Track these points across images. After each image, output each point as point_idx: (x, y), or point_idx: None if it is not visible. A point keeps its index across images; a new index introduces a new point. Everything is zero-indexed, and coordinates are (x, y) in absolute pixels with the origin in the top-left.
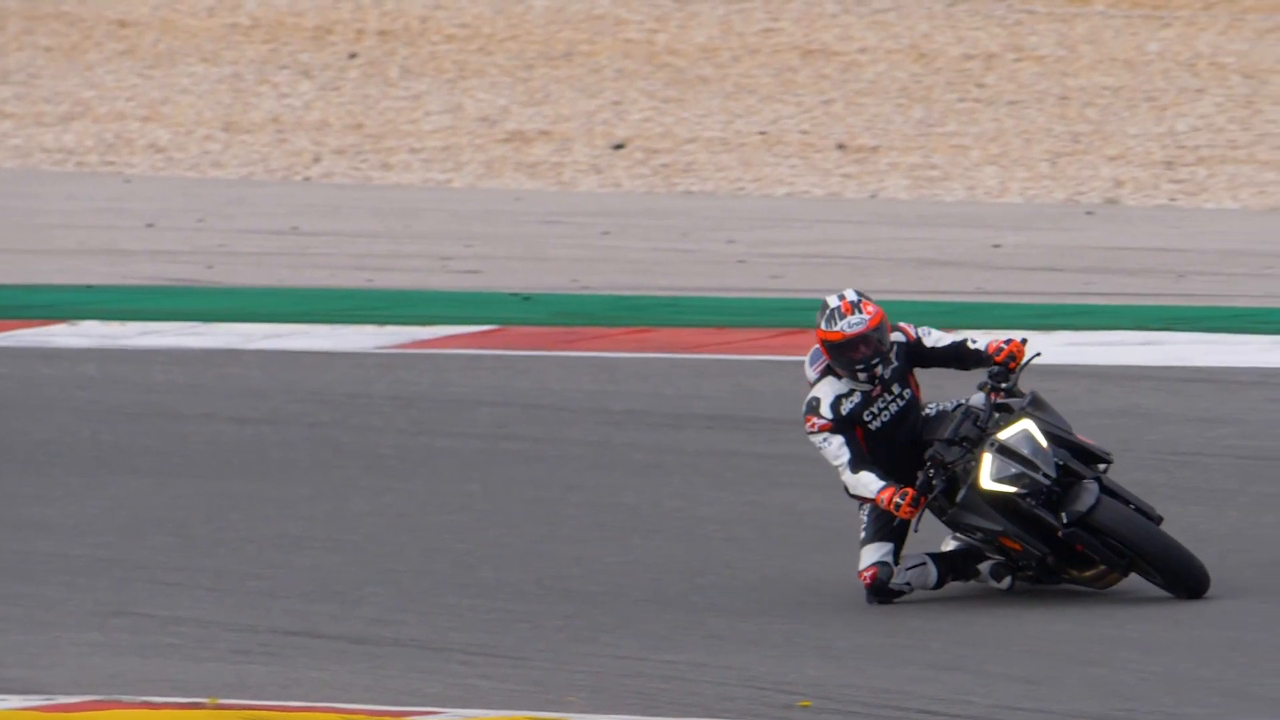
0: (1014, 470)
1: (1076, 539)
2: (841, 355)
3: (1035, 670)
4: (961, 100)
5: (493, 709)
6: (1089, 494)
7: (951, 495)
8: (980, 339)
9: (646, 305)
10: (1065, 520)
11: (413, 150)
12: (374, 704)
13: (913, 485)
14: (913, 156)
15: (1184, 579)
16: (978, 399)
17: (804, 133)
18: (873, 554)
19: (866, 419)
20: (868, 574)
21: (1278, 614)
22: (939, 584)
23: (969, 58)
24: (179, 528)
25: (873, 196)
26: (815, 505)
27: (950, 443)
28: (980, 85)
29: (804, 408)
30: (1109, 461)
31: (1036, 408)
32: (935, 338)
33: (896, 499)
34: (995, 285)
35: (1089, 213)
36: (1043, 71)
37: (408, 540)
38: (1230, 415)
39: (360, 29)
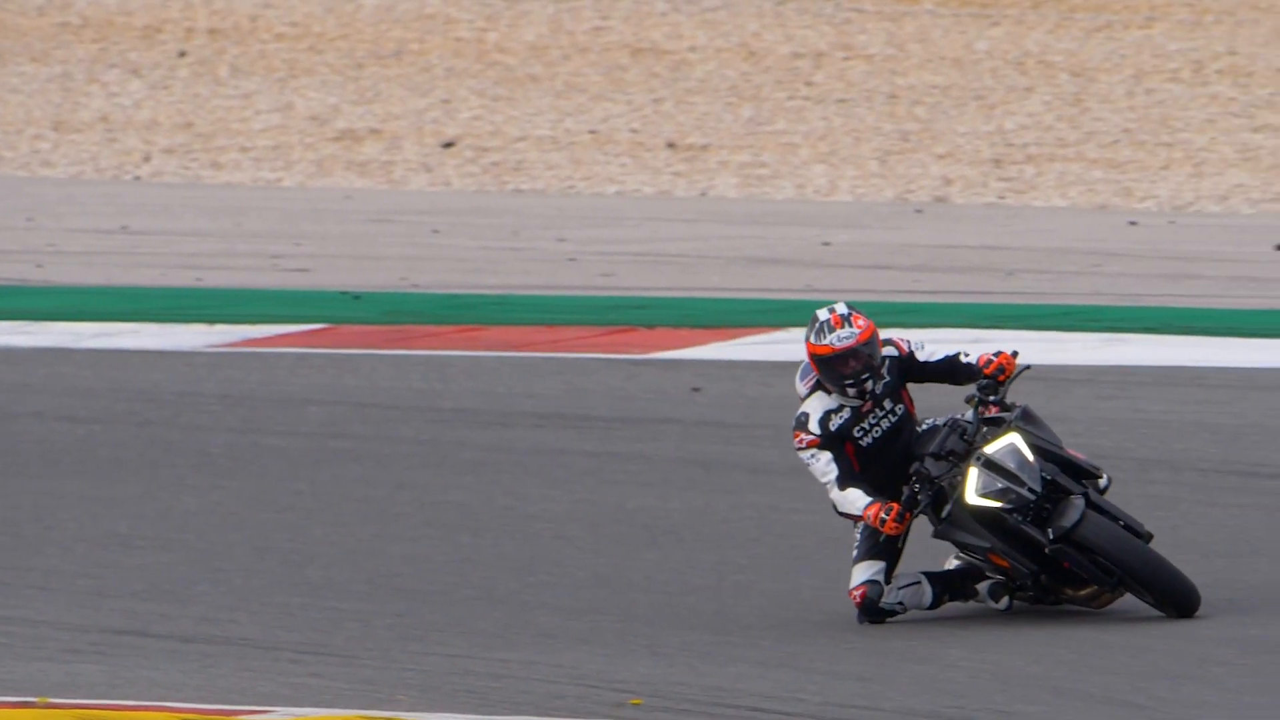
0: (999, 485)
1: (1063, 556)
2: (830, 370)
3: (865, 667)
4: (791, 99)
5: (323, 707)
6: (1074, 510)
7: (938, 510)
8: (972, 352)
9: (476, 303)
10: (1051, 536)
11: (243, 149)
12: (205, 703)
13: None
14: (742, 155)
15: (1173, 598)
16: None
17: (634, 131)
18: (863, 572)
19: (857, 435)
20: (857, 593)
21: (1104, 610)
22: (935, 604)
23: (798, 56)
24: (8, 527)
25: (703, 195)
26: (645, 503)
27: (936, 457)
28: (809, 84)
29: (793, 423)
30: (1098, 476)
31: (1026, 421)
32: (929, 352)
33: (881, 515)
34: (825, 283)
35: (918, 211)
36: (872, 70)
37: (237, 539)
38: (1059, 413)
39: (190, 28)
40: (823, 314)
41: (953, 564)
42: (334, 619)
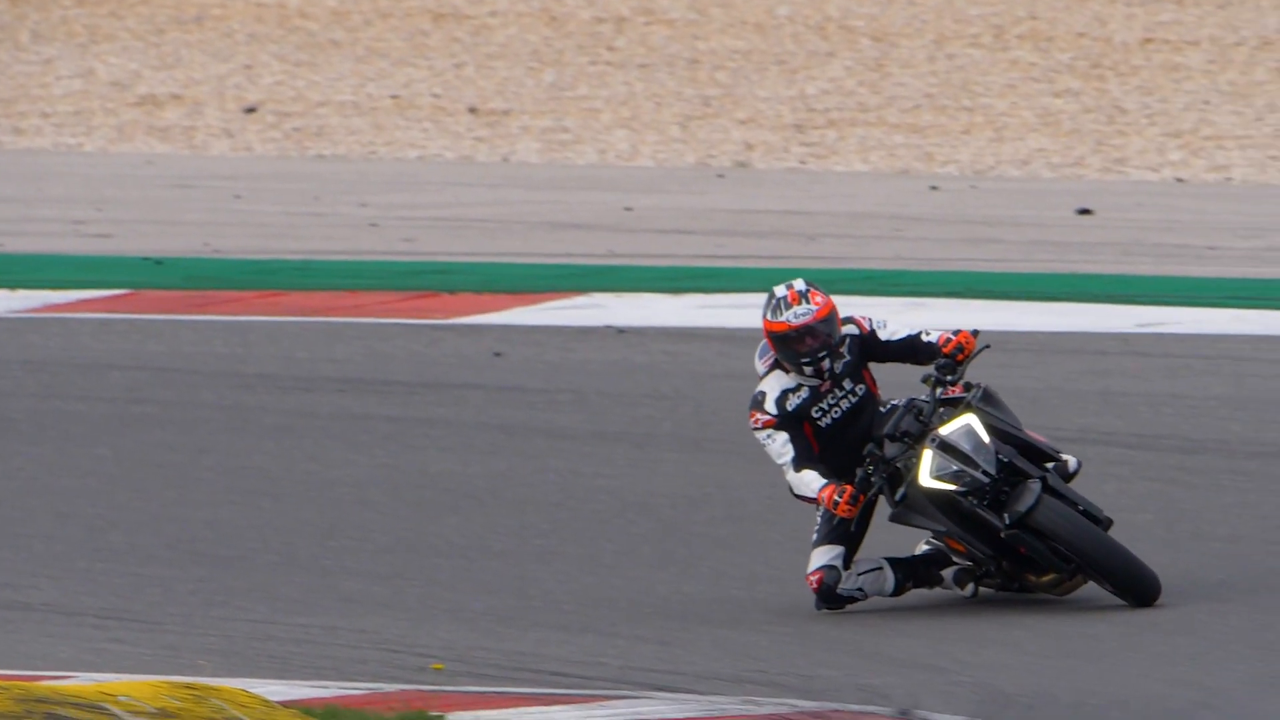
0: (954, 468)
1: (1019, 541)
2: (787, 347)
3: (667, 632)
4: (593, 64)
5: (125, 673)
6: (1030, 494)
7: (894, 493)
8: (933, 331)
9: (278, 269)
10: (1007, 521)
11: (44, 115)
12: (5, 668)
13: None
14: (544, 120)
15: (1131, 586)
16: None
17: (435, 96)
18: (821, 557)
19: (815, 415)
20: (814, 578)
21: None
22: (897, 591)
23: (600, 21)
24: None
25: (504, 160)
26: (447, 468)
27: (891, 438)
28: (611, 49)
29: (749, 403)
30: (1059, 458)
31: (986, 402)
32: (890, 331)
33: (835, 497)
34: (627, 248)
35: (720, 175)
36: (673, 35)
37: (39, 504)
38: None
39: None
40: (780, 290)
41: (923, 548)
42: (136, 584)
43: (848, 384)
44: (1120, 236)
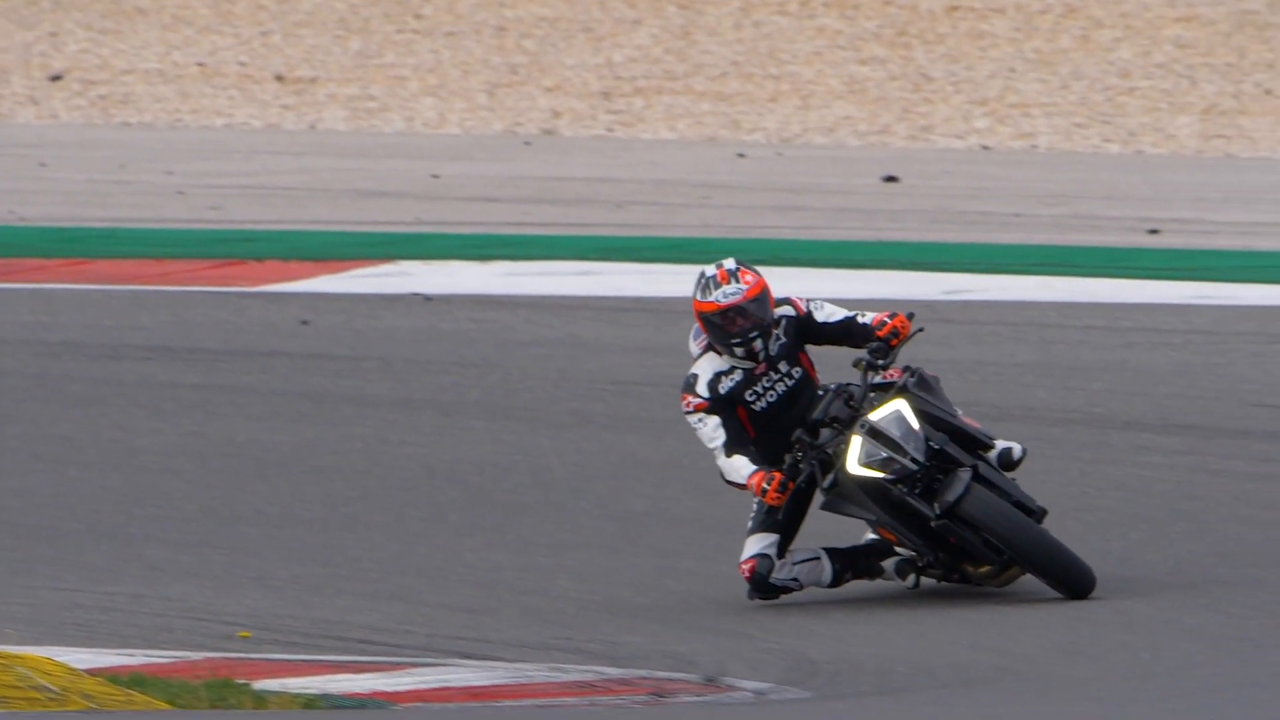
0: (883, 454)
1: (948, 531)
2: (717, 329)
3: (474, 600)
4: (400, 31)
5: None
6: (959, 484)
7: (825, 480)
8: (869, 314)
9: (84, 237)
10: (937, 511)
11: None
12: None
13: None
14: (351, 88)
15: (1063, 578)
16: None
17: (242, 64)
18: (754, 545)
19: (749, 399)
20: (746, 567)
21: (711, 541)
22: (835, 582)
23: None
24: None
25: (311, 128)
26: (254, 436)
27: (820, 424)
28: (418, 16)
29: (681, 385)
30: (993, 446)
31: (921, 387)
32: (828, 313)
33: (764, 484)
34: (434, 216)
35: (527, 143)
36: (480, 2)
37: None
38: (667, 345)
39: None
40: (709, 270)
41: (869, 538)
42: None
43: (784, 366)
44: (926, 204)
